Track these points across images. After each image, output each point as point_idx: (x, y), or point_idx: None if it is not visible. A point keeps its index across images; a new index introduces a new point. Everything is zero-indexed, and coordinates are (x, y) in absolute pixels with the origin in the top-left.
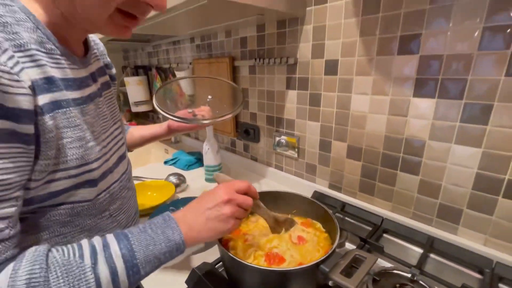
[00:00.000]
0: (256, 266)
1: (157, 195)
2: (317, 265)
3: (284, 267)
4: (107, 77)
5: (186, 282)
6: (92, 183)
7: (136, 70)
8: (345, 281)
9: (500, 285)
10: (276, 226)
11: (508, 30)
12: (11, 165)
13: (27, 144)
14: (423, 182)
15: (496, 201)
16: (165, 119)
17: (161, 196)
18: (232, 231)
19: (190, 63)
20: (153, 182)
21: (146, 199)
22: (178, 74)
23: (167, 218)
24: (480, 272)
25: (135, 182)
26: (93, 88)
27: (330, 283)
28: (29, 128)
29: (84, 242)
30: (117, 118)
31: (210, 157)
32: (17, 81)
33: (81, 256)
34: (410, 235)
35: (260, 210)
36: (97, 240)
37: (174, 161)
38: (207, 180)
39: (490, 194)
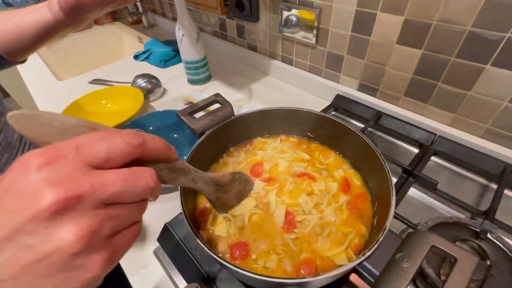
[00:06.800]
0: (251, 274)
1: (118, 109)
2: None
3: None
4: None
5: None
6: None
7: None
8: None
9: None
10: (220, 197)
11: None
12: None
13: None
14: None
15: None
16: None
17: (124, 110)
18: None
19: None
20: (114, 88)
21: (102, 116)
22: None
23: None
24: None
25: (100, 87)
26: None
27: None
28: None
29: None
30: None
31: (187, 48)
32: None
33: None
34: (475, 162)
35: (186, 175)
36: None
37: (146, 54)
38: (190, 81)
39: None
